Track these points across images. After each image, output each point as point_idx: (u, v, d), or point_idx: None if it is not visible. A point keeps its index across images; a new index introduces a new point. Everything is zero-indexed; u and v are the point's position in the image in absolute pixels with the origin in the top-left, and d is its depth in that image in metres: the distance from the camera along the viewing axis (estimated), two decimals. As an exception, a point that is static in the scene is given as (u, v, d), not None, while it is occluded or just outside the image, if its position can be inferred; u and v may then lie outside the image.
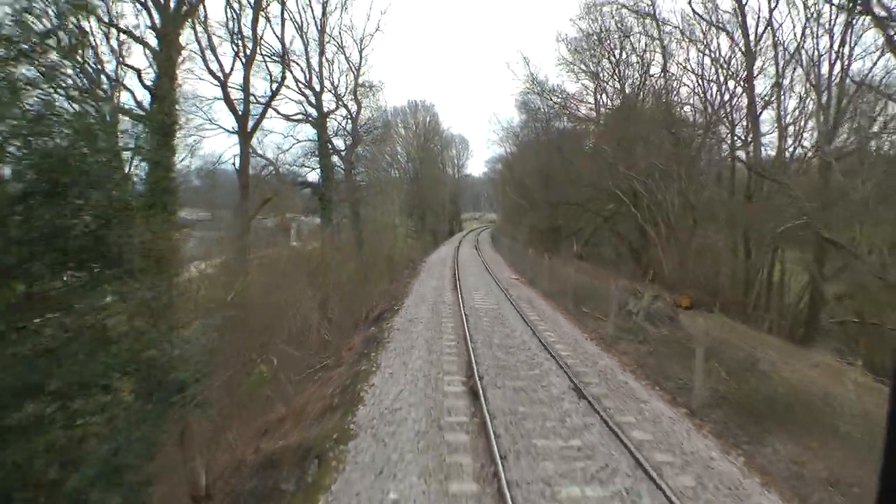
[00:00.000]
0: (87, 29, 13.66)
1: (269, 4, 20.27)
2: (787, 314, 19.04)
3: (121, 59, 18.38)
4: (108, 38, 17.66)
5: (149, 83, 15.43)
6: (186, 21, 14.17)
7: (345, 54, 25.98)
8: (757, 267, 19.05)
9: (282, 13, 21.12)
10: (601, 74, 28.14)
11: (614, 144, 22.73)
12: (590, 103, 30.50)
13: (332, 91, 23.25)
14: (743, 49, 21.80)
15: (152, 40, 15.68)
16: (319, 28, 22.20)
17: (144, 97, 16.89)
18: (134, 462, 4.53)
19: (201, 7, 16.98)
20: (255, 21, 18.93)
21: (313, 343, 13.07)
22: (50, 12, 4.51)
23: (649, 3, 24.49)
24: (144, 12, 14.81)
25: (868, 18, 15.69)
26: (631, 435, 6.09)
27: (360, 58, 26.32)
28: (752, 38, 21.46)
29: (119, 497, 4.40)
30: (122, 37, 17.38)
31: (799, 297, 19.65)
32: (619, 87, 27.70)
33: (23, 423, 3.97)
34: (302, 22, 21.69)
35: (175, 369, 4.92)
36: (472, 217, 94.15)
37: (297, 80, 21.26)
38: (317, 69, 22.53)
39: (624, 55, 26.19)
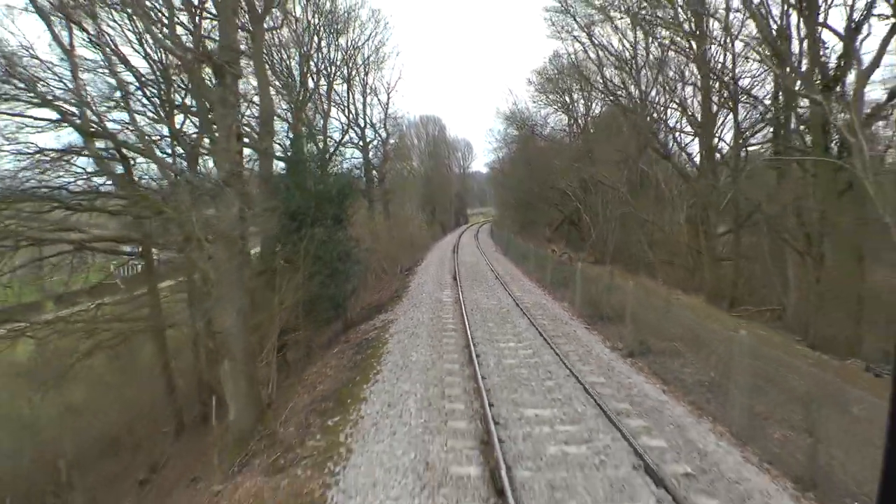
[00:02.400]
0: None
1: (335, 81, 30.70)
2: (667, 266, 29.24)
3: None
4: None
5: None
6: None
7: (377, 97, 36.53)
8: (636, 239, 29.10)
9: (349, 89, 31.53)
10: (569, 105, 38.31)
11: (567, 161, 33.00)
12: (563, 125, 40.70)
13: (371, 126, 33.85)
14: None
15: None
16: (363, 83, 32.78)
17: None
18: (343, 291, 15.14)
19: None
20: (329, 90, 29.39)
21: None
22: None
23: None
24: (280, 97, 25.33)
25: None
26: (539, 322, 16.55)
27: (388, 98, 36.90)
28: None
29: (340, 300, 15.03)
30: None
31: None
32: (582, 112, 37.88)
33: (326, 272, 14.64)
34: (350, 79, 31.89)
35: (356, 258, 15.65)
36: (478, 212, 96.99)
37: (350, 121, 31.76)
38: (361, 111, 33.09)
39: (576, 95, 36.34)
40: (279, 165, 16.16)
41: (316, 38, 22.85)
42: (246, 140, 11.99)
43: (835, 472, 5.64)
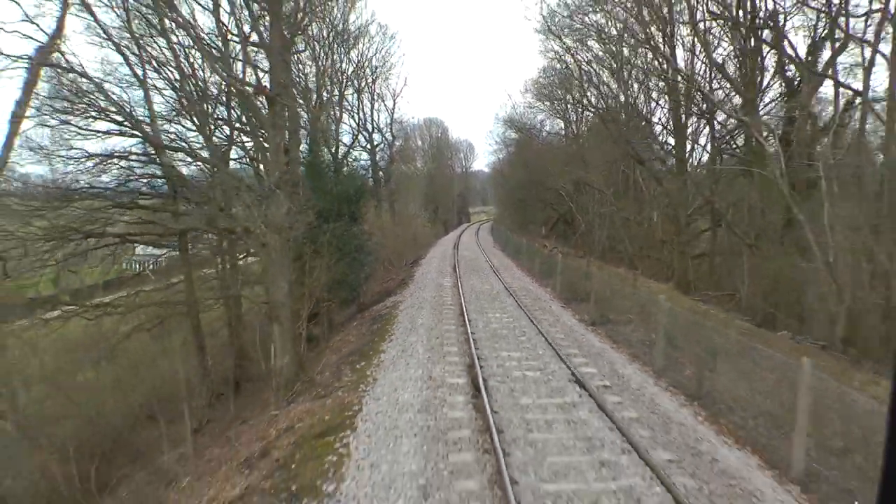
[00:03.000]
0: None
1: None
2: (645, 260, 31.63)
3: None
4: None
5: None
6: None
7: (384, 103, 39.04)
8: (621, 236, 31.55)
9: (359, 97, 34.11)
10: (563, 111, 40.70)
11: (560, 164, 35.42)
12: (558, 128, 43.08)
13: (378, 130, 36.40)
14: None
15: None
16: (371, 91, 35.31)
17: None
18: (359, 278, 17.66)
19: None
20: (340, 98, 31.94)
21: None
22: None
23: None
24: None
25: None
26: (522, 300, 19.05)
27: (394, 103, 39.43)
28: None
29: (356, 285, 17.57)
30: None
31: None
32: (574, 119, 40.29)
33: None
34: (360, 88, 34.43)
35: (369, 250, 18.19)
36: (480, 211, 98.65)
37: (359, 126, 34.28)
38: (369, 116, 35.61)
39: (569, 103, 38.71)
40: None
41: (330, 53, 25.37)
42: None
43: (716, 392, 8.08)
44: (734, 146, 20.65)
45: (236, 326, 17.54)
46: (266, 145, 11.22)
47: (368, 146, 35.26)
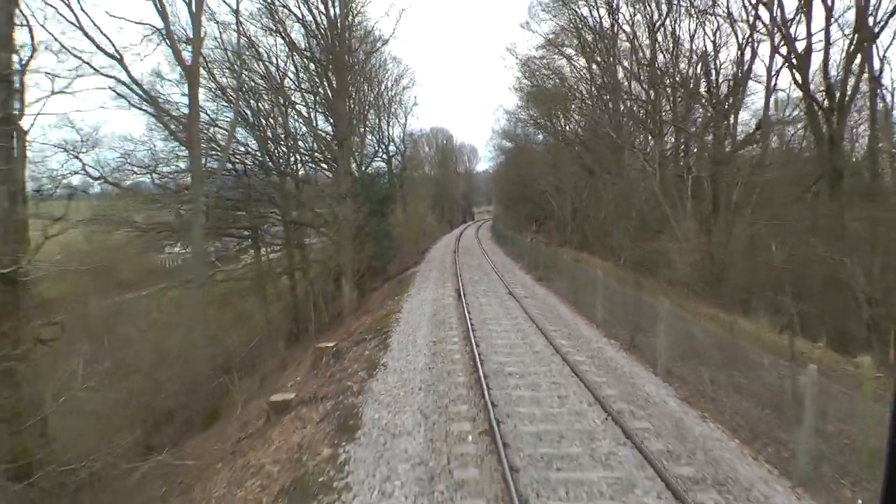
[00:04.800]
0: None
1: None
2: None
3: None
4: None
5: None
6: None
7: (398, 120, 46.54)
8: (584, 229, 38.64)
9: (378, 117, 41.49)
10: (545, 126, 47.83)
11: (541, 172, 42.61)
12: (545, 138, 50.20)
13: (392, 142, 43.84)
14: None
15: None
16: (387, 111, 42.75)
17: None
18: (387, 255, 24.98)
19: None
20: (364, 119, 39.30)
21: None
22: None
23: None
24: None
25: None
26: (499, 270, 26.32)
27: (405, 119, 46.84)
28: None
29: (385, 261, 24.94)
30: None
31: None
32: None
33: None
34: (379, 111, 41.89)
35: (392, 237, 25.59)
36: (484, 210, 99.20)
37: (378, 142, 41.63)
38: (385, 132, 43.04)
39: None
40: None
41: (360, 89, 32.75)
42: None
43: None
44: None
45: (313, 285, 24.87)
46: (336, 167, 18.65)
47: (385, 156, 42.71)
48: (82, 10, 19.90)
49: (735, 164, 19.10)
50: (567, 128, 34.43)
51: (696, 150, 22.06)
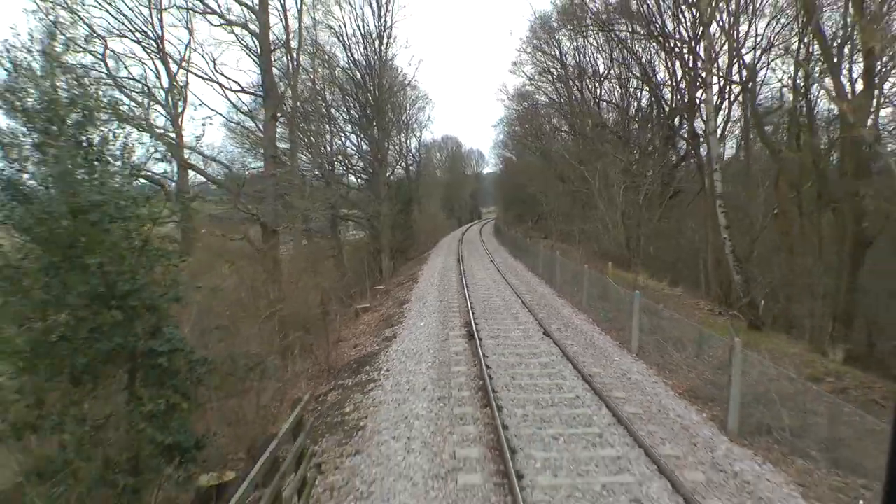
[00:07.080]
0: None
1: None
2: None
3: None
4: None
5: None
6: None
7: (414, 134, 54.95)
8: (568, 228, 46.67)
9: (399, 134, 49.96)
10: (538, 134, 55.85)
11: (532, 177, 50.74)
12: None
13: (412, 154, 52.38)
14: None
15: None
16: (406, 125, 51.16)
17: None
18: (410, 243, 33.53)
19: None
20: (388, 135, 47.71)
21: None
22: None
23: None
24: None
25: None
26: (493, 256, 34.60)
27: (421, 133, 55.31)
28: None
29: (409, 246, 33.48)
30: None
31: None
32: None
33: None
34: (399, 128, 50.39)
35: (415, 229, 34.08)
36: (492, 209, 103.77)
37: (399, 153, 50.06)
38: (404, 145, 51.64)
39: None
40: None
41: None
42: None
43: (557, 278, 23.59)
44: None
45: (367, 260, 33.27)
46: (377, 178, 27.20)
47: (404, 165, 51.22)
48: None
49: (643, 176, 27.58)
50: (544, 144, 42.85)
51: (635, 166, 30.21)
